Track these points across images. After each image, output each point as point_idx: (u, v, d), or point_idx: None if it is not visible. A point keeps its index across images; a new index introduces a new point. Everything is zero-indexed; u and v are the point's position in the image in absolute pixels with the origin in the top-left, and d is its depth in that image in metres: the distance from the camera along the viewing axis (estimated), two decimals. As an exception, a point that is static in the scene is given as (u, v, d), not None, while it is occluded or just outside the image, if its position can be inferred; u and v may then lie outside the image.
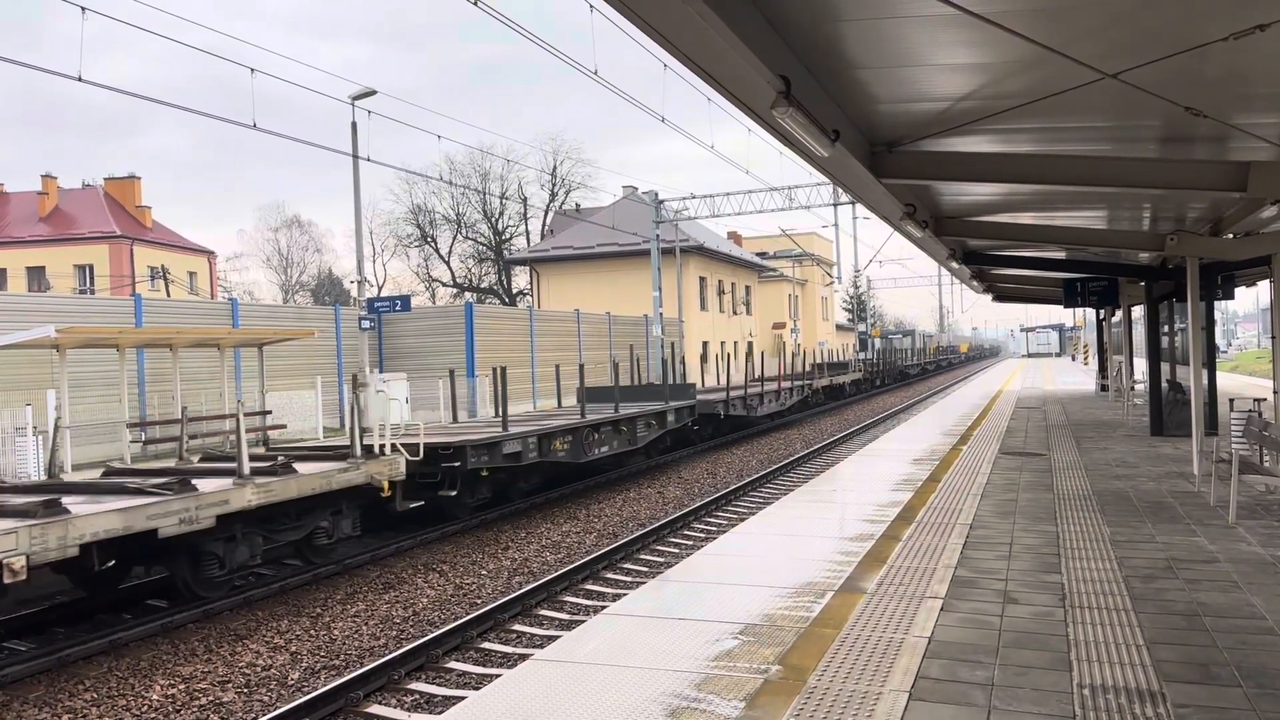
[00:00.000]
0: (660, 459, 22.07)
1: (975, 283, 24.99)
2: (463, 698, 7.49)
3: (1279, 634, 5.32)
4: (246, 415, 20.40)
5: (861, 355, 55.56)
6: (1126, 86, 6.26)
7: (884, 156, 8.56)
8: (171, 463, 13.87)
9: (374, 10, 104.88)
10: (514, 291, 67.60)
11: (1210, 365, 15.01)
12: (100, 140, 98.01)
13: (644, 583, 8.71)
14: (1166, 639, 5.29)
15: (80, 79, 13.11)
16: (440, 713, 7.14)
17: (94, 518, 8.61)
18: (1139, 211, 12.60)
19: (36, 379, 17.92)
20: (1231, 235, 12.38)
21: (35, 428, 15.86)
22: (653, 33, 4.98)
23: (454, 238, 68.49)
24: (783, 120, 5.92)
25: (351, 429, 12.24)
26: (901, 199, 10.45)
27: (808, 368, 45.18)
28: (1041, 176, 8.89)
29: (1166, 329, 16.81)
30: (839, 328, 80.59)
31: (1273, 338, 11.77)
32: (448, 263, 68.94)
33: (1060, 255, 17.55)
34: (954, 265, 17.47)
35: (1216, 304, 19.68)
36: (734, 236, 66.38)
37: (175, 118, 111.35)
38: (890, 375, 57.24)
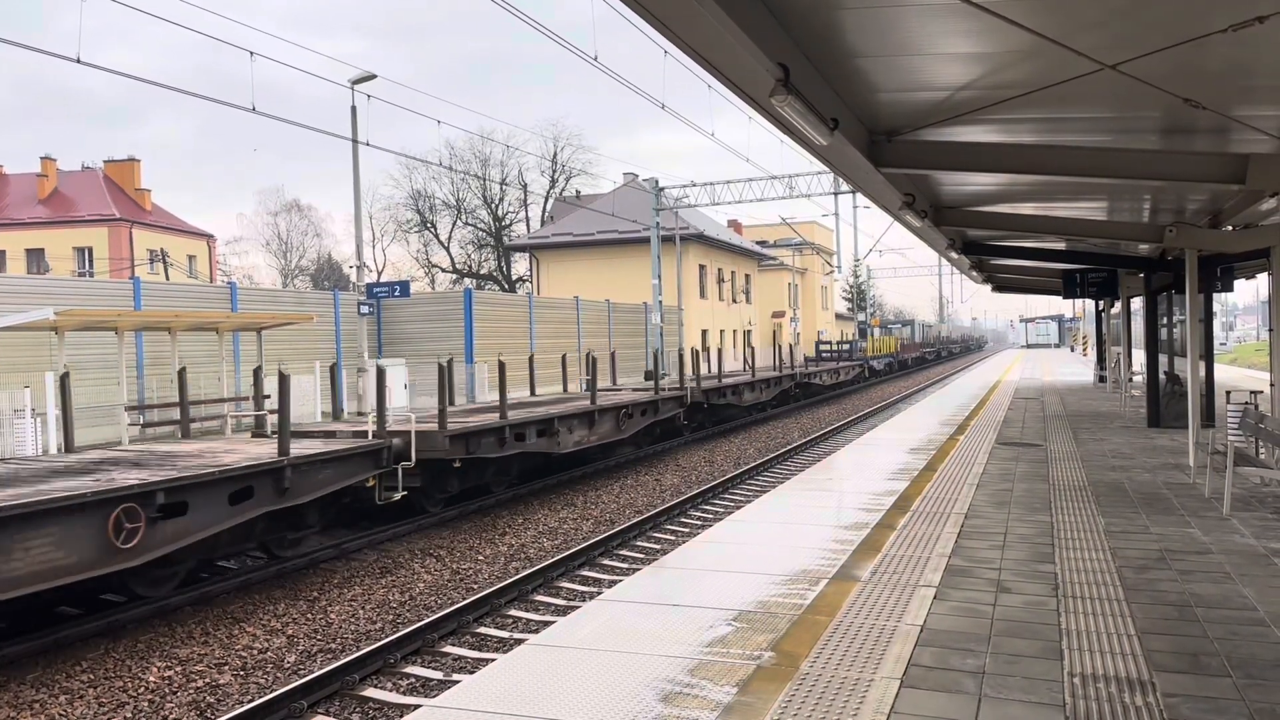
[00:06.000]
0: (656, 446, 22.16)
1: (975, 273, 24.98)
2: (458, 682, 7.53)
3: (1270, 625, 5.35)
4: (242, 399, 20.40)
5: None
6: (1126, 78, 6.26)
7: (883, 145, 8.54)
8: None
9: (369, 7, 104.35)
10: (514, 278, 67.53)
11: (1208, 357, 15.02)
12: (100, 129, 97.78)
13: (640, 569, 8.75)
14: (1158, 629, 5.31)
15: (79, 60, 13.08)
16: (435, 696, 7.17)
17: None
18: (1139, 203, 12.59)
19: (35, 361, 17.91)
20: (1231, 227, 12.39)
21: (33, 410, 15.87)
22: (651, 18, 4.97)
23: (454, 223, 68.39)
24: (781, 108, 5.91)
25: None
26: (900, 188, 10.43)
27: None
28: (1041, 167, 8.89)
29: (1165, 321, 16.82)
30: (839, 317, 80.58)
31: (1270, 330, 11.78)
32: (447, 248, 68.86)
33: (1060, 246, 17.54)
34: (953, 255, 17.46)
35: (1216, 296, 19.68)
36: (734, 225, 66.25)
37: (174, 107, 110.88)
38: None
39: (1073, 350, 63.66)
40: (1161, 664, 4.78)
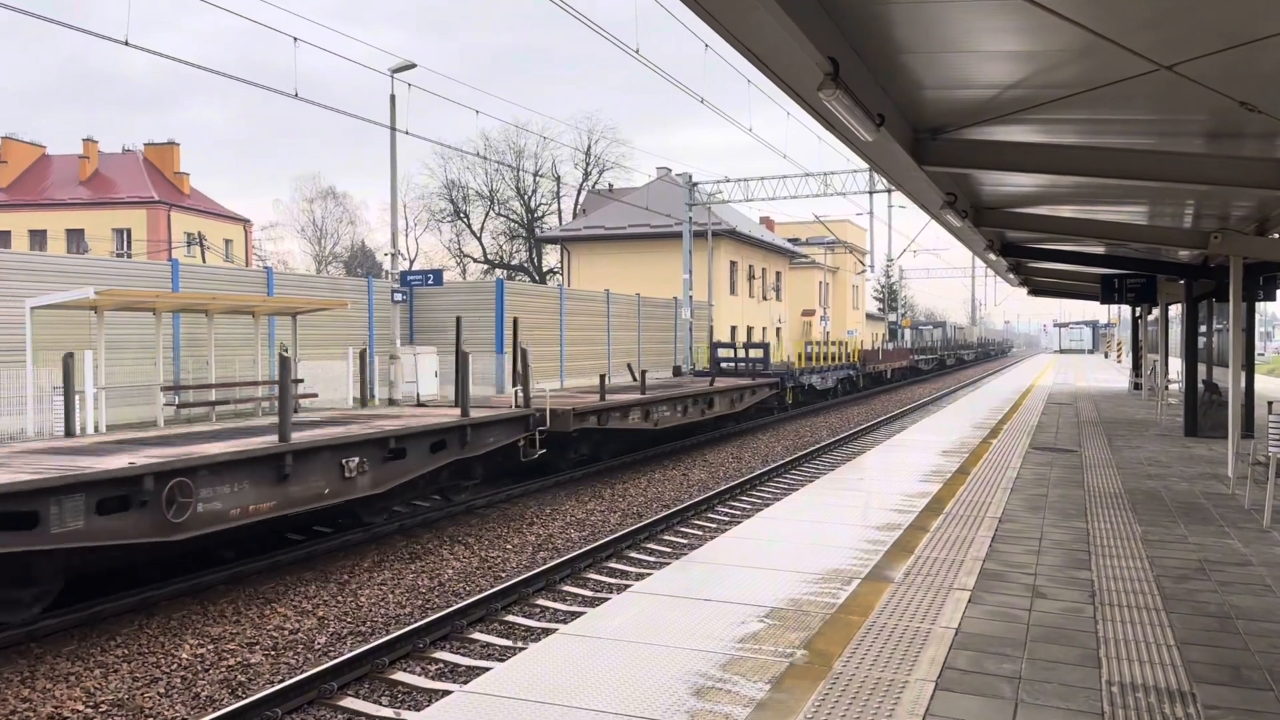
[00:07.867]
0: (684, 442, 22.15)
1: (1012, 275, 24.72)
2: (488, 668, 7.55)
3: (1313, 639, 5.25)
4: (272, 384, 20.60)
5: None
6: (1179, 79, 6.14)
7: (927, 143, 8.45)
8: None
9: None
10: (544, 269, 67.66)
11: (1249, 367, 14.77)
12: (140, 115, 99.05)
13: (668, 563, 8.74)
14: (1197, 640, 5.23)
15: (127, 43, 13.23)
16: (465, 682, 7.20)
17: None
18: (1181, 208, 12.39)
19: (75, 340, 18.15)
20: (1277, 235, 12.16)
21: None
22: (699, 9, 4.93)
23: (486, 214, 68.62)
24: (829, 103, 5.85)
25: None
26: (943, 188, 10.32)
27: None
28: (1085, 169, 8.75)
29: (1204, 329, 16.56)
30: (869, 317, 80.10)
31: (1315, 341, 11.54)
32: (479, 239, 69.11)
33: (1099, 250, 17.31)
34: (991, 257, 17.27)
35: (1256, 305, 19.28)
36: (766, 221, 66.00)
37: (214, 91, 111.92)
38: None
39: (1106, 356, 62.90)
40: (1202, 675, 4.70)
